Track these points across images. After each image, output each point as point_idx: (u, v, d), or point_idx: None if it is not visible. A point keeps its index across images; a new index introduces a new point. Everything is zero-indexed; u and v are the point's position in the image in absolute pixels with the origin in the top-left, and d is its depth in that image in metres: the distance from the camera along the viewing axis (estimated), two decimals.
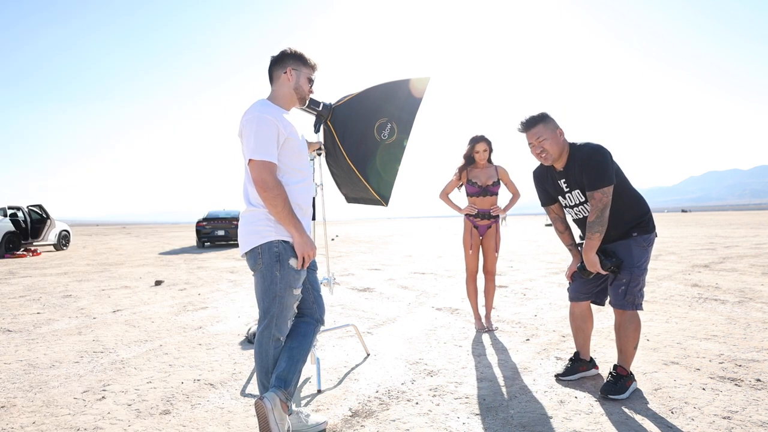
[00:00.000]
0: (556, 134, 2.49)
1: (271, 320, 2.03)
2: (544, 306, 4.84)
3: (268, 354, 2.06)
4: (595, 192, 2.40)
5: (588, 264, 2.53)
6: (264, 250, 1.99)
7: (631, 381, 2.51)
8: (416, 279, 7.21)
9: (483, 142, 3.79)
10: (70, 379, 2.91)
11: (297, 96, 2.19)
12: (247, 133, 1.97)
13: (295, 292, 2.06)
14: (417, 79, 2.99)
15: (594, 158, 2.40)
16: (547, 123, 2.50)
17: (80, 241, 22.92)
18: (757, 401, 2.30)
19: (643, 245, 2.50)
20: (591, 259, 2.51)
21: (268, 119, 1.97)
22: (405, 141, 3.01)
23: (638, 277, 2.48)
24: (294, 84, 2.15)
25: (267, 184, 1.93)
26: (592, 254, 2.50)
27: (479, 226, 3.87)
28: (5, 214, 13.30)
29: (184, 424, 2.25)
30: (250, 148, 1.95)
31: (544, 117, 2.51)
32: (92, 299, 5.81)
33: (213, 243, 16.48)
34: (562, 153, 2.51)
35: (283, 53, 2.16)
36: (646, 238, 2.52)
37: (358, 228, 42.62)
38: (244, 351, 3.46)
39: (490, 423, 2.20)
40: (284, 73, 2.14)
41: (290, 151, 2.05)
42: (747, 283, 5.78)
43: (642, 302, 2.53)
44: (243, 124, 2.00)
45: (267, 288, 2.01)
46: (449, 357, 3.22)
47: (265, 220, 2.00)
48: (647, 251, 2.52)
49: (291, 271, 2.02)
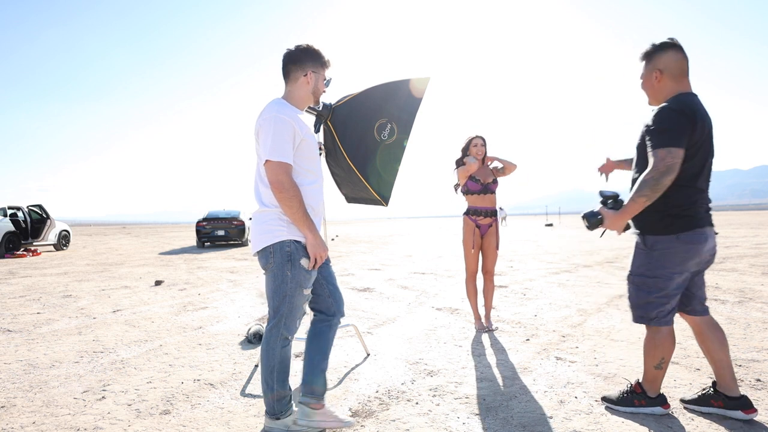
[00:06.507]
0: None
1: (280, 319, 2.05)
2: (544, 306, 4.83)
3: (275, 352, 2.07)
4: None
5: (610, 223, 2.12)
6: (276, 250, 2.01)
7: (643, 401, 2.23)
8: (416, 279, 7.21)
9: (478, 137, 3.88)
10: (70, 379, 2.91)
11: (314, 98, 2.21)
12: (264, 133, 1.98)
13: (305, 292, 2.08)
14: (417, 79, 2.98)
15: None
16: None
17: (80, 241, 22.92)
18: (757, 401, 2.30)
19: (642, 247, 2.15)
20: (618, 224, 2.11)
21: (285, 120, 1.98)
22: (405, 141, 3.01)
23: (630, 283, 2.19)
24: (312, 87, 2.16)
25: (283, 185, 1.95)
26: (623, 220, 2.09)
27: (481, 225, 3.88)
28: (5, 214, 13.29)
29: (184, 424, 2.25)
30: (267, 148, 1.96)
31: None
32: (92, 299, 5.81)
33: (213, 243, 16.47)
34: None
35: (301, 52, 2.12)
36: (655, 240, 2.09)
37: (358, 228, 42.62)
38: (244, 351, 3.46)
39: (490, 423, 2.20)
40: (303, 76, 2.12)
41: (305, 153, 2.07)
42: (747, 283, 5.78)
43: (651, 317, 2.13)
44: (260, 124, 2.02)
45: (277, 287, 2.03)
46: (449, 357, 3.22)
47: (278, 220, 2.02)
48: (651, 256, 2.10)
49: (302, 271, 2.04)
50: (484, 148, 3.87)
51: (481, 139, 3.87)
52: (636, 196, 1.99)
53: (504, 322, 4.17)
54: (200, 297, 5.91)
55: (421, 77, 2.99)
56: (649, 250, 2.11)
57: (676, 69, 2.08)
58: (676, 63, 2.08)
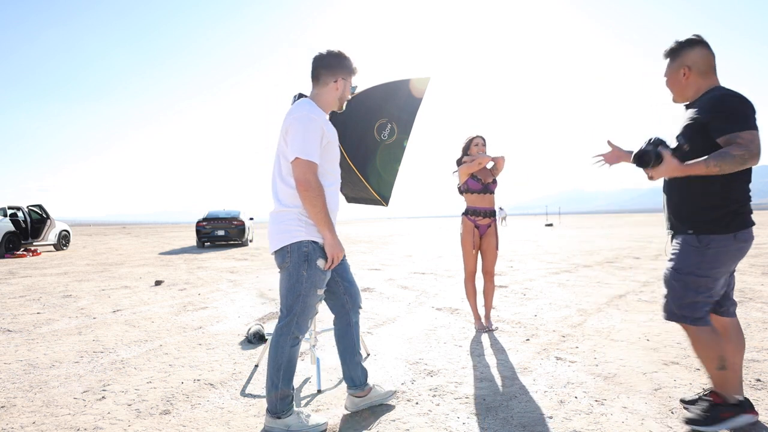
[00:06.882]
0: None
1: (293, 318, 2.08)
2: (544, 306, 4.84)
3: (284, 351, 2.09)
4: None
5: (665, 169, 1.97)
6: (293, 249, 2.05)
7: (729, 413, 2.03)
8: (416, 279, 7.21)
9: (479, 137, 3.89)
10: (70, 379, 2.91)
11: (339, 104, 2.27)
12: (294, 132, 2.01)
13: (318, 292, 2.11)
14: (417, 79, 2.98)
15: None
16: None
17: (80, 241, 22.92)
18: (757, 401, 2.30)
19: (695, 245, 2.00)
20: (671, 173, 1.98)
21: (316, 120, 2.03)
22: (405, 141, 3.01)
23: (676, 281, 2.04)
24: (340, 93, 2.22)
25: (310, 183, 1.98)
26: (679, 172, 1.96)
27: (480, 225, 3.88)
28: (5, 214, 13.29)
29: (184, 424, 2.25)
30: (296, 146, 1.99)
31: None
32: (92, 299, 5.81)
33: (213, 243, 16.47)
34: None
35: (333, 57, 2.18)
36: (711, 239, 1.97)
37: (358, 228, 42.62)
38: (244, 351, 3.46)
39: (490, 423, 2.20)
40: (333, 82, 2.18)
41: (328, 155, 2.12)
42: (747, 283, 5.79)
43: (697, 316, 2.01)
44: (290, 122, 2.04)
45: (292, 286, 2.06)
46: (449, 357, 3.22)
47: (296, 221, 2.06)
48: (705, 255, 1.98)
49: (317, 272, 2.07)
50: (485, 148, 3.88)
51: (482, 139, 3.88)
52: (712, 161, 1.85)
53: (504, 322, 4.17)
54: (200, 297, 5.91)
55: (421, 77, 2.99)
56: (703, 248, 1.98)
57: (704, 65, 2.06)
58: (703, 59, 2.06)
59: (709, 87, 2.05)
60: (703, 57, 2.06)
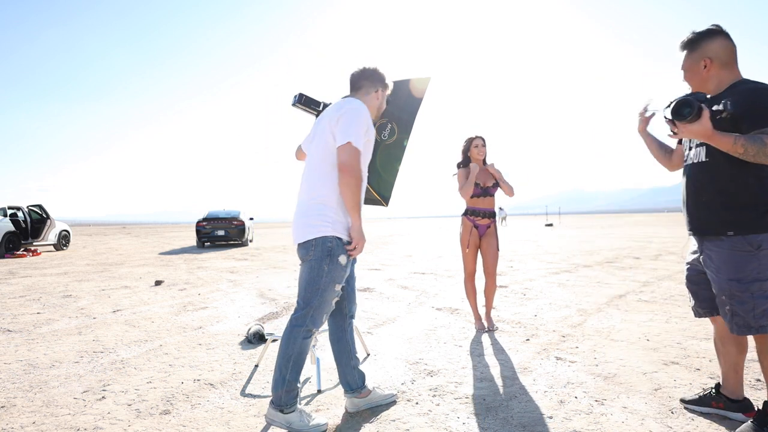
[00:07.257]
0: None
1: (309, 311, 2.10)
2: (544, 306, 4.84)
3: (296, 342, 2.11)
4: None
5: (699, 127, 1.80)
6: (318, 244, 2.09)
7: None
8: (416, 279, 7.21)
9: (479, 138, 3.89)
10: (70, 379, 2.91)
11: (377, 113, 2.41)
12: (348, 119, 2.08)
13: (337, 288, 2.14)
14: (417, 79, 2.98)
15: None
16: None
17: (80, 241, 22.92)
18: (757, 401, 2.30)
19: (747, 249, 1.87)
20: (702, 133, 1.81)
21: (367, 114, 2.15)
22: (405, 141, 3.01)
23: (741, 293, 1.88)
24: (379, 103, 2.38)
25: (354, 168, 2.05)
26: (708, 137, 1.82)
27: (479, 225, 3.88)
28: (5, 214, 13.29)
29: (184, 424, 2.25)
30: (348, 132, 2.06)
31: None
32: (92, 299, 5.81)
33: (213, 243, 16.47)
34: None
35: (373, 72, 2.35)
36: (762, 239, 1.85)
37: None
38: (244, 351, 3.46)
39: (490, 423, 2.20)
40: (374, 92, 2.35)
41: (365, 152, 2.19)
42: None
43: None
44: (345, 110, 2.12)
45: (312, 279, 2.09)
46: (449, 357, 3.22)
47: (323, 216, 2.10)
48: (760, 257, 1.86)
49: (339, 267, 2.11)
50: (485, 149, 3.88)
51: (482, 140, 3.88)
52: (741, 140, 1.76)
53: (504, 322, 4.17)
54: (200, 297, 5.91)
55: (421, 77, 2.99)
56: (756, 250, 1.86)
57: (726, 56, 1.94)
58: (725, 50, 1.94)
59: (732, 80, 1.94)
60: (724, 48, 1.94)
